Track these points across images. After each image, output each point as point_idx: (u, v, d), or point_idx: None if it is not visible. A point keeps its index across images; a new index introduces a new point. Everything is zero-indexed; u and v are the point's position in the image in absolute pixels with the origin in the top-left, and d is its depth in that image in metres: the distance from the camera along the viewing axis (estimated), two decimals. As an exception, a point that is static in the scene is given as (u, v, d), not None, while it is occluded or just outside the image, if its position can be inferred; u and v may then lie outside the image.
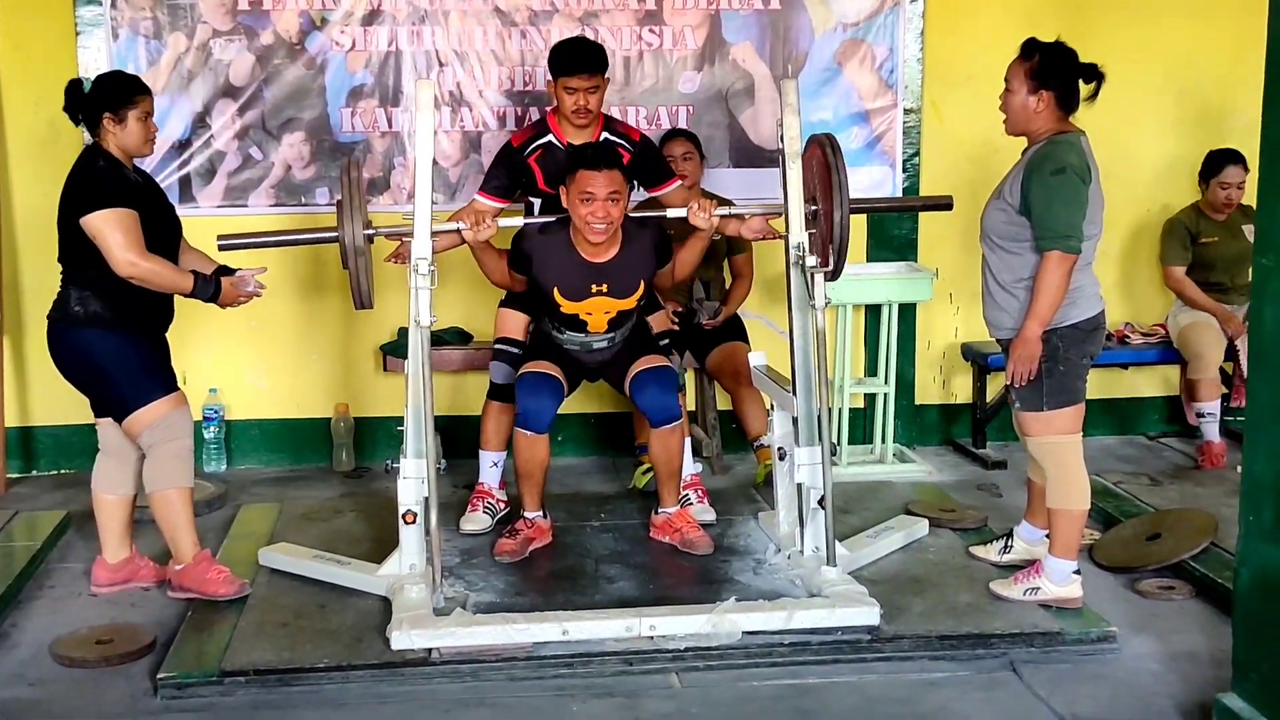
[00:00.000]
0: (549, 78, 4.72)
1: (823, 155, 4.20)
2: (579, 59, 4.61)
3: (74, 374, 4.19)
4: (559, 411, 4.55)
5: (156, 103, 5.39)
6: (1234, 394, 5.84)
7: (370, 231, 4.10)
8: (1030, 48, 4.01)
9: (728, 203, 4.94)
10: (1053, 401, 4.00)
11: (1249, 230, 5.52)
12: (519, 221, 4.49)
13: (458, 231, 4.33)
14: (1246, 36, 5.68)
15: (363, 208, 4.05)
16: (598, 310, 4.46)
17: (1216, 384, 5.73)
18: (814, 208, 4.30)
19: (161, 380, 4.19)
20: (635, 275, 4.45)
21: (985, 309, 4.18)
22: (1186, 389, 5.89)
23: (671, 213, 4.46)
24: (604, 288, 4.41)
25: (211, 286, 4.20)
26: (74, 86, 4.15)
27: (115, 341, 4.10)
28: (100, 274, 4.04)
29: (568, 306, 4.44)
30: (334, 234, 4.10)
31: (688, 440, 4.99)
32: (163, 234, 4.16)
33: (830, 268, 4.22)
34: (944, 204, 4.63)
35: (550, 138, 4.70)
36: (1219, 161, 5.77)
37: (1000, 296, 4.07)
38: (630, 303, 4.48)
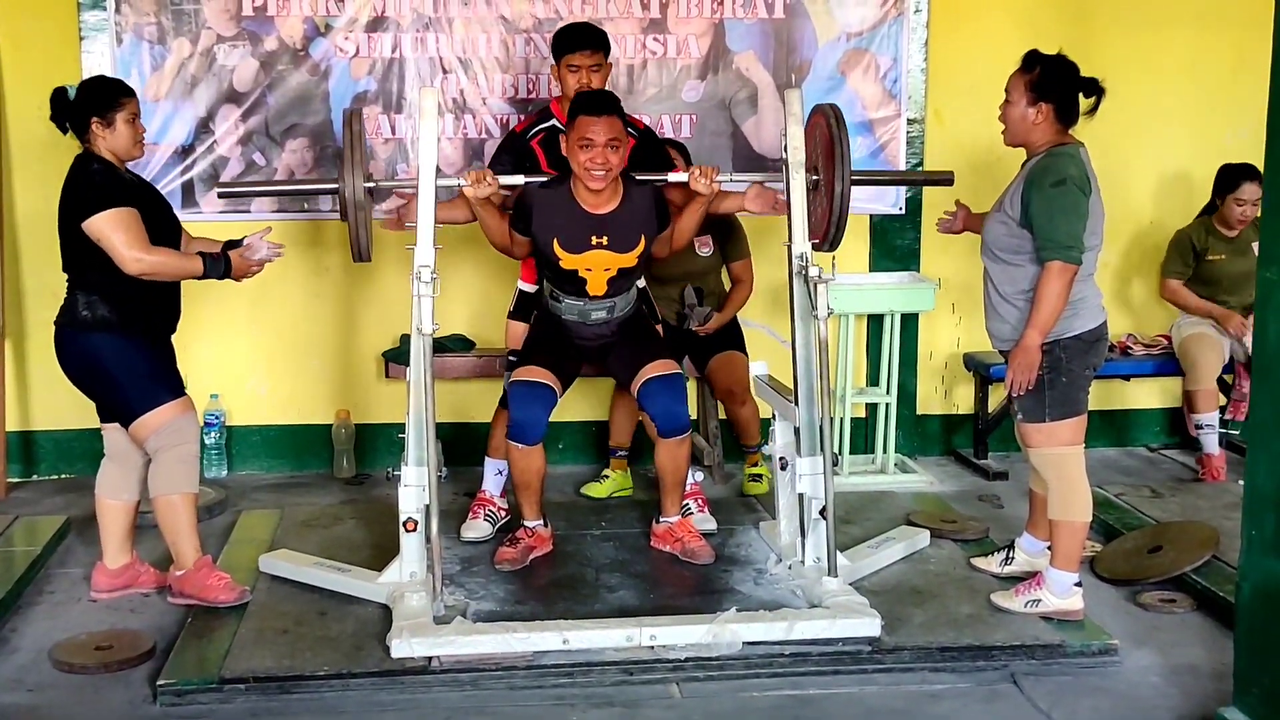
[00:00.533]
0: (553, 62, 4.75)
1: (826, 125, 4.21)
2: (581, 36, 4.68)
3: (81, 378, 4.19)
4: (560, 419, 4.54)
5: (160, 108, 5.49)
6: (1231, 406, 5.83)
7: (370, 184, 4.10)
8: (1031, 60, 4.02)
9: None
10: (1055, 413, 4.00)
11: (1258, 247, 5.50)
12: (520, 180, 4.47)
13: (459, 189, 4.28)
14: (1249, 47, 5.73)
15: (364, 160, 4.05)
16: (597, 266, 4.39)
17: (1214, 395, 5.72)
18: (815, 178, 4.32)
19: (169, 385, 4.20)
20: (635, 230, 4.40)
21: (987, 320, 4.18)
22: (1186, 400, 5.88)
23: (673, 177, 4.46)
24: (604, 240, 4.36)
25: (222, 264, 4.20)
26: (59, 95, 4.14)
27: (123, 345, 4.11)
28: (106, 277, 4.05)
29: (567, 260, 4.37)
30: (334, 186, 4.10)
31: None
32: (163, 231, 4.17)
33: (830, 242, 4.30)
34: (945, 179, 4.65)
35: (553, 121, 4.71)
36: (1235, 177, 5.73)
37: (1002, 308, 4.08)
38: (630, 259, 4.41)
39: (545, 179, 4.47)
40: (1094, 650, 3.91)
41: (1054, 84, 3.97)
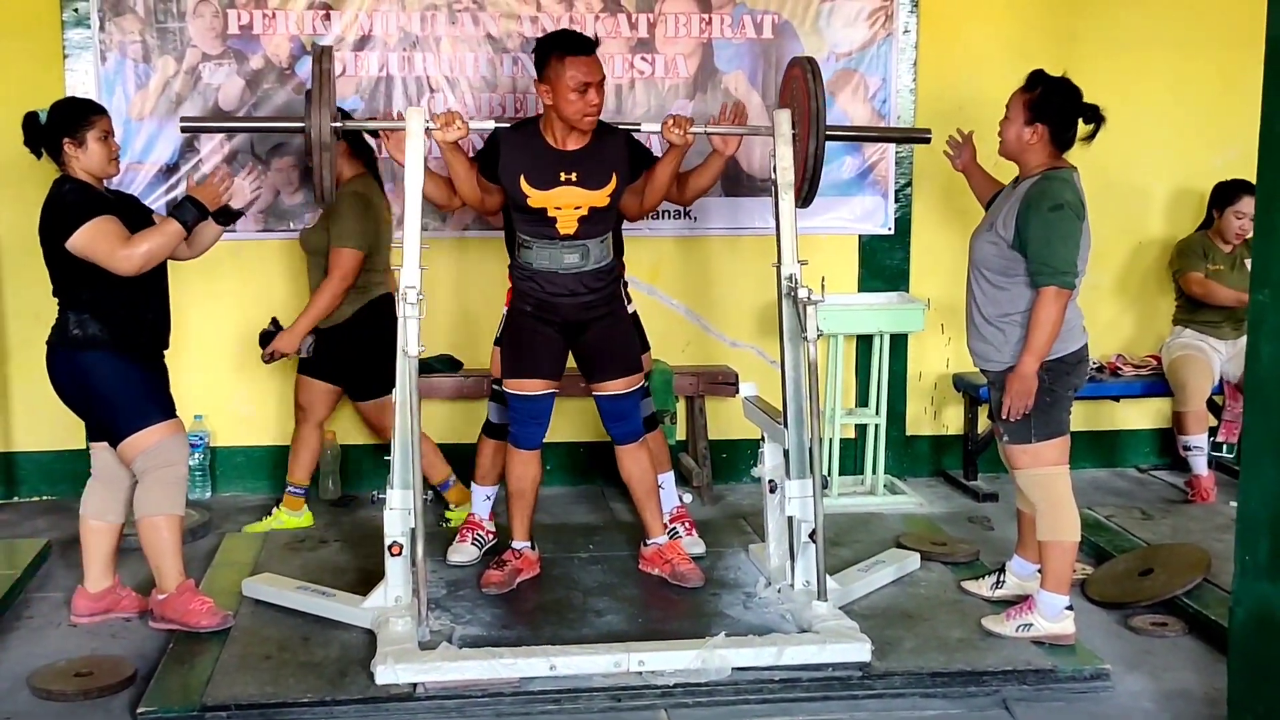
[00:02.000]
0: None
1: (803, 79, 4.19)
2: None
3: (72, 397, 4.17)
4: (548, 441, 4.51)
5: (144, 126, 5.45)
6: (1222, 428, 5.81)
7: (337, 124, 4.08)
8: (1034, 80, 4.00)
9: None
10: (1040, 434, 3.99)
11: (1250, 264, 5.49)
12: (490, 124, 4.42)
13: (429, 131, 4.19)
14: (1234, 69, 5.74)
15: (332, 100, 4.02)
16: (567, 204, 4.29)
17: (1203, 417, 5.71)
18: (792, 132, 4.31)
19: (160, 405, 4.18)
20: (606, 167, 4.33)
21: (970, 339, 4.17)
22: (1176, 422, 5.86)
23: (646, 126, 4.41)
24: (573, 176, 4.28)
25: (189, 207, 4.15)
26: (30, 119, 4.15)
27: (115, 363, 4.09)
28: (96, 295, 4.04)
29: (535, 198, 4.27)
30: (300, 125, 4.07)
31: (670, 476, 4.93)
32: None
33: (803, 199, 4.32)
34: (922, 137, 4.64)
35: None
36: (1234, 191, 5.72)
37: (986, 330, 4.06)
38: (601, 198, 4.31)
39: (513, 124, 4.43)
40: (1086, 675, 3.88)
41: (1052, 107, 3.95)
